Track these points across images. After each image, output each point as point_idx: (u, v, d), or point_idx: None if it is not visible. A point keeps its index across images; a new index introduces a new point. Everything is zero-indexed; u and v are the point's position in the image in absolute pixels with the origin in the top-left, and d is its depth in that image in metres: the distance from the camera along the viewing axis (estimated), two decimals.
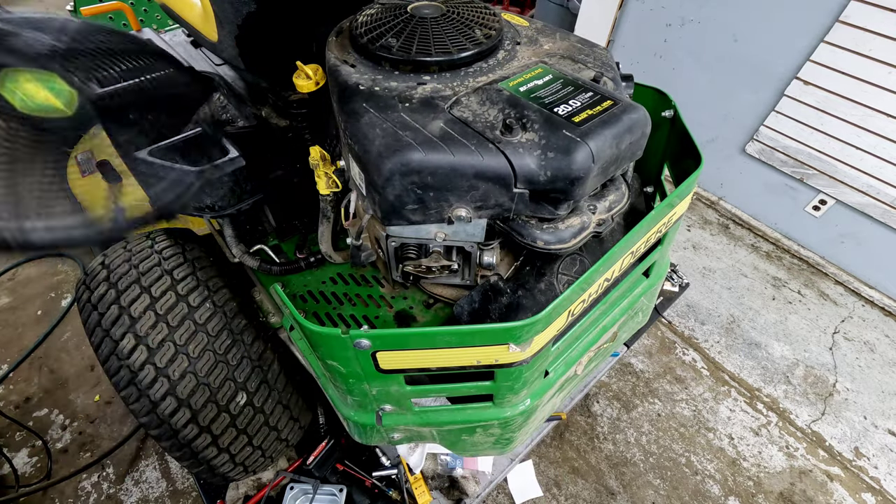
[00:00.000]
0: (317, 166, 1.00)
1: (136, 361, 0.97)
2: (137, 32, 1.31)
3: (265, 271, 1.27)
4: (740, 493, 1.60)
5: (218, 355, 1.03)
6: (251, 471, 1.23)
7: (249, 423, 1.10)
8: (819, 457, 1.70)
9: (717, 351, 2.00)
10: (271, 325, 1.26)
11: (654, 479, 1.63)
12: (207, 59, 1.29)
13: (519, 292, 0.85)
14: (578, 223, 0.79)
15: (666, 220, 0.88)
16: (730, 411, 1.81)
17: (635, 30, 2.52)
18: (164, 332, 0.99)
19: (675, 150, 1.02)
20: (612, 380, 1.89)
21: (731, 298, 2.19)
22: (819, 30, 1.88)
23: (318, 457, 1.46)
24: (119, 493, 1.57)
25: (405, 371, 0.76)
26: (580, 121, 0.69)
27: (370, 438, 1.00)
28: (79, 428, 1.72)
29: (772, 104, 2.14)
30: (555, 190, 0.69)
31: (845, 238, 2.20)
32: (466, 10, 0.88)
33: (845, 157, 2.00)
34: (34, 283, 2.17)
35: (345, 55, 0.84)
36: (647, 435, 1.74)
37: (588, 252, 0.91)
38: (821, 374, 1.93)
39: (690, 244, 2.44)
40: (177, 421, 0.99)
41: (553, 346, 0.86)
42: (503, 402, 0.88)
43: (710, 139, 2.47)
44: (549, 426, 1.60)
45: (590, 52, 0.90)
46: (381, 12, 0.87)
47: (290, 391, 1.21)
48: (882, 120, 1.84)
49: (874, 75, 1.79)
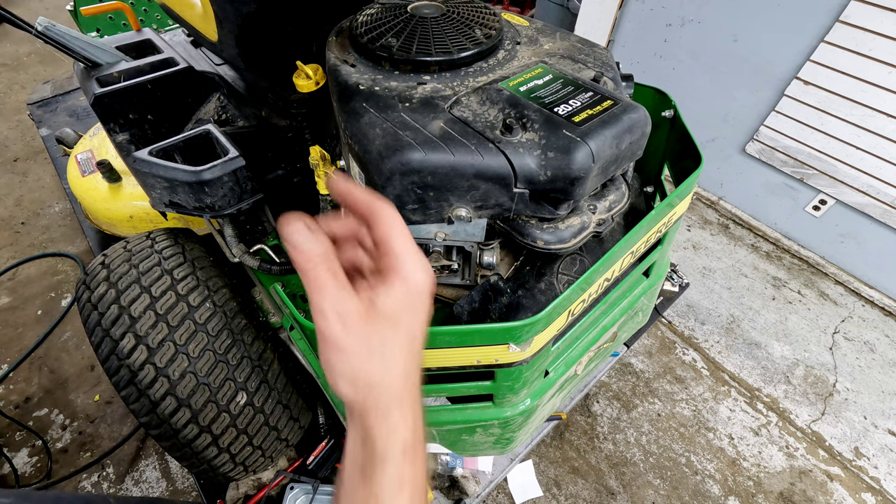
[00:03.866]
0: (317, 166, 1.00)
1: (136, 361, 0.97)
2: (137, 32, 1.31)
3: (265, 271, 1.27)
4: (740, 493, 1.60)
5: (218, 355, 1.03)
6: (251, 471, 1.23)
7: (249, 423, 1.10)
8: (819, 457, 1.70)
9: (717, 351, 2.00)
10: (271, 325, 1.25)
11: (654, 478, 1.63)
12: (207, 59, 1.29)
13: (519, 292, 0.85)
14: (578, 223, 0.79)
15: (666, 220, 0.88)
16: (730, 411, 1.81)
17: (635, 30, 2.52)
18: (163, 332, 0.99)
19: (675, 150, 1.02)
20: (612, 380, 1.89)
21: (731, 298, 2.19)
22: (819, 30, 1.88)
23: (318, 457, 1.46)
24: (119, 492, 1.57)
25: None
26: (580, 121, 0.69)
27: None
28: (79, 428, 1.72)
29: (772, 104, 2.14)
30: (555, 190, 0.69)
31: (845, 238, 2.20)
32: (466, 9, 0.88)
33: (845, 157, 2.00)
34: (34, 283, 2.17)
35: (345, 55, 0.84)
36: (647, 435, 1.74)
37: (588, 252, 0.91)
38: (821, 374, 1.93)
39: (690, 244, 2.44)
40: (177, 421, 0.99)
41: (553, 346, 0.86)
42: (503, 402, 0.88)
43: (710, 139, 2.47)
44: (549, 426, 1.60)
45: (590, 52, 0.90)
46: (381, 12, 0.87)
47: (290, 391, 1.20)
48: (882, 120, 1.84)
49: (874, 75, 1.79)
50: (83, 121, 2.66)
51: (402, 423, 0.37)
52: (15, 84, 3.52)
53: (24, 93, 3.36)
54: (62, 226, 2.43)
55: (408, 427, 0.38)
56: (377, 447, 0.36)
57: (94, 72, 1.07)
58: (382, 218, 0.37)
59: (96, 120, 1.21)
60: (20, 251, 2.30)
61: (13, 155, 2.88)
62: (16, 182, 2.69)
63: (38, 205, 2.56)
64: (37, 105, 2.80)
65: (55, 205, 2.56)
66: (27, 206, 2.55)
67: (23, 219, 2.48)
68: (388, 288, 0.36)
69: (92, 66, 1.10)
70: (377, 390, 0.36)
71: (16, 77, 3.61)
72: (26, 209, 2.53)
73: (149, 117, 1.12)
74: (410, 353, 0.38)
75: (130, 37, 1.24)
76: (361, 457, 0.37)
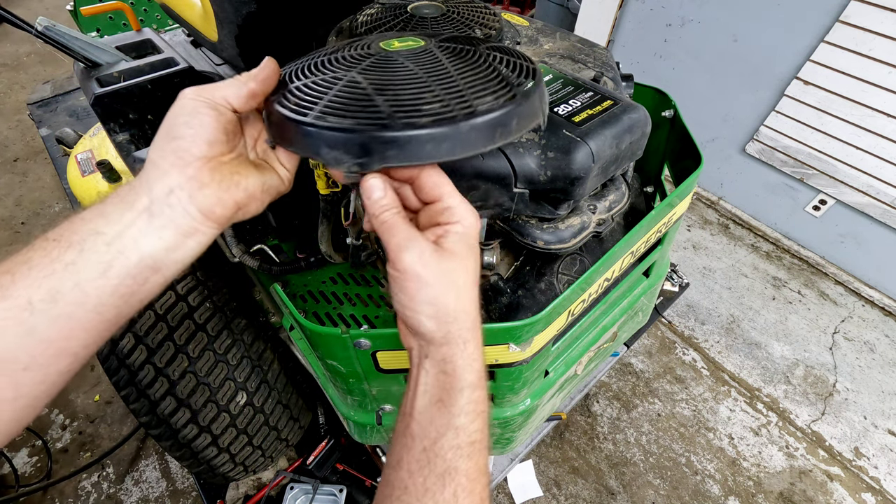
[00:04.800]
0: (316, 166, 1.00)
1: (136, 361, 0.97)
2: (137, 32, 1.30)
3: (265, 271, 1.27)
4: (740, 493, 1.60)
5: (218, 355, 1.03)
6: (251, 471, 1.23)
7: (249, 423, 1.10)
8: (819, 457, 1.70)
9: (717, 351, 2.00)
10: (271, 324, 1.25)
11: (654, 478, 1.63)
12: (207, 59, 1.29)
13: (519, 292, 0.85)
14: (578, 223, 0.79)
15: (666, 220, 0.88)
16: (730, 411, 1.81)
17: (635, 30, 2.52)
18: (163, 332, 0.99)
19: (675, 150, 1.02)
20: (612, 380, 1.89)
21: (731, 298, 2.19)
22: (819, 30, 1.88)
23: (318, 457, 1.46)
24: (119, 492, 1.57)
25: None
26: (580, 120, 0.68)
27: (370, 438, 1.00)
28: (79, 428, 1.72)
29: (772, 104, 2.14)
30: (555, 190, 0.69)
31: (845, 238, 2.20)
32: (466, 9, 0.88)
33: (845, 157, 2.00)
34: None
35: None
36: (647, 435, 1.74)
37: (588, 252, 0.91)
38: (821, 374, 1.93)
39: (690, 244, 2.44)
40: (177, 421, 0.99)
41: (553, 346, 0.86)
42: (503, 401, 0.88)
43: (710, 139, 2.47)
44: (549, 426, 1.60)
45: (590, 52, 0.90)
46: (382, 12, 0.87)
47: (290, 391, 1.21)
48: (882, 120, 1.84)
49: (874, 75, 1.79)
50: (83, 121, 2.66)
51: (476, 353, 0.41)
52: (15, 84, 3.52)
53: (24, 93, 3.36)
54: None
55: (479, 359, 0.41)
56: (457, 376, 0.40)
57: (94, 72, 1.07)
58: (430, 177, 0.42)
59: (96, 120, 1.21)
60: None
61: (13, 155, 2.88)
62: (16, 182, 2.69)
63: (38, 205, 2.56)
64: (37, 105, 2.80)
65: (55, 205, 2.56)
66: (27, 206, 2.55)
67: (23, 219, 2.48)
68: (449, 231, 0.41)
69: (92, 66, 1.10)
70: (457, 323, 0.40)
71: (16, 77, 3.61)
72: (26, 209, 2.53)
73: (149, 117, 1.12)
74: (475, 290, 0.42)
75: (130, 37, 1.24)
76: (438, 389, 0.40)
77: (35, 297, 0.33)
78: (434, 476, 0.37)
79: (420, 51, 0.49)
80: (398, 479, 0.38)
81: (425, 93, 0.41)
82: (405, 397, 0.42)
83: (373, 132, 0.37)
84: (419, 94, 0.41)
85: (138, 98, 1.08)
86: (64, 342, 0.35)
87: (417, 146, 0.38)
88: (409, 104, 0.40)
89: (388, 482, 0.39)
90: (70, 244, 0.35)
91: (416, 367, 0.42)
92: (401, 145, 0.37)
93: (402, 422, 0.41)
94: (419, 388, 0.41)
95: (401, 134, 0.37)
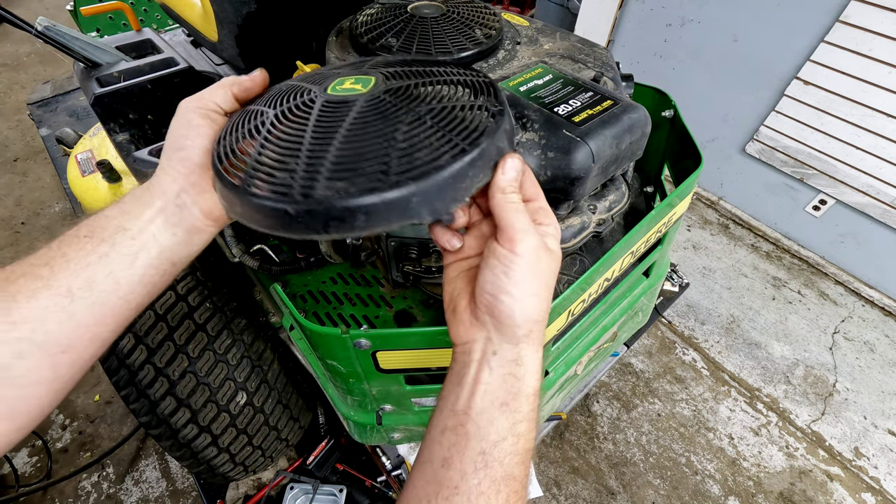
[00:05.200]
0: None
1: (136, 361, 0.97)
2: (137, 32, 1.30)
3: (265, 271, 1.27)
4: (740, 493, 1.60)
5: (218, 355, 1.03)
6: (251, 471, 1.23)
7: (249, 423, 1.10)
8: (819, 457, 1.70)
9: (717, 351, 2.00)
10: (271, 324, 1.25)
11: (654, 478, 1.63)
12: (207, 59, 1.29)
13: None
14: (578, 223, 0.79)
15: (666, 220, 0.88)
16: (730, 411, 1.81)
17: (635, 30, 2.52)
18: (163, 332, 0.99)
19: (675, 150, 1.02)
20: (612, 380, 1.89)
21: (731, 298, 2.19)
22: (819, 30, 1.88)
23: (318, 457, 1.46)
24: (119, 492, 1.57)
25: (405, 371, 0.76)
26: (580, 120, 0.69)
27: (370, 438, 1.00)
28: (79, 428, 1.72)
29: (772, 104, 2.14)
30: (555, 190, 0.69)
31: (845, 238, 2.20)
32: (466, 9, 0.88)
33: (845, 157, 2.00)
34: None
35: (345, 55, 0.84)
36: (647, 435, 1.74)
37: (588, 252, 0.91)
38: (821, 374, 1.93)
39: (690, 244, 2.44)
40: (177, 421, 0.99)
41: (553, 346, 0.86)
42: None
43: (710, 139, 2.47)
44: (549, 426, 1.60)
45: (590, 52, 0.90)
46: (381, 12, 0.87)
47: (290, 391, 1.21)
48: (882, 120, 1.84)
49: (874, 75, 1.79)
50: (83, 121, 2.66)
51: (541, 361, 0.41)
52: (15, 84, 3.52)
53: (24, 93, 3.36)
54: (62, 226, 2.44)
55: (542, 367, 0.42)
56: (525, 381, 0.40)
57: (94, 72, 1.07)
58: (530, 176, 0.44)
59: (96, 120, 1.21)
60: (20, 251, 2.30)
61: (13, 155, 2.88)
62: (16, 182, 2.69)
63: (38, 205, 2.56)
64: (37, 105, 2.80)
65: (55, 205, 2.56)
66: (27, 206, 2.55)
67: (23, 219, 2.48)
68: (547, 232, 0.42)
69: (92, 66, 1.10)
70: (539, 325, 0.40)
71: (16, 77, 3.61)
72: (26, 209, 2.53)
73: (149, 117, 1.12)
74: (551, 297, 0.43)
75: (130, 37, 1.24)
76: (503, 392, 0.39)
77: (74, 286, 0.37)
78: (489, 480, 0.37)
79: (367, 99, 0.43)
80: (447, 479, 0.37)
81: (365, 157, 0.36)
82: (451, 392, 0.41)
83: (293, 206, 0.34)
84: (359, 157, 0.36)
85: (138, 98, 1.08)
86: (97, 327, 0.39)
87: (357, 219, 0.34)
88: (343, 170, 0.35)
89: (432, 480, 0.38)
90: (102, 239, 0.40)
91: (476, 362, 0.40)
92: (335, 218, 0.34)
93: (450, 418, 0.39)
94: (479, 387, 0.39)
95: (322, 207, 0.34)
